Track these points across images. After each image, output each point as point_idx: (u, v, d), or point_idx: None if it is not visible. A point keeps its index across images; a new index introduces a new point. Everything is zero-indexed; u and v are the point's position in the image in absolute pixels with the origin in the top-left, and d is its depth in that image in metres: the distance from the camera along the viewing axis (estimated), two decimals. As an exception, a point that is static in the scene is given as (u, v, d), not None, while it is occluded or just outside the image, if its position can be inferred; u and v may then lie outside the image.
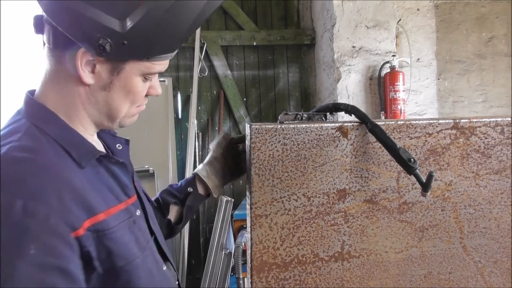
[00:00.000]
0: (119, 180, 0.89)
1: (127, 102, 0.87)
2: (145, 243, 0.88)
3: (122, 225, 0.82)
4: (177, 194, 1.19)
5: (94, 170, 0.84)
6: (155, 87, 0.91)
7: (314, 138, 1.00)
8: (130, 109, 0.89)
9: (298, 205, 1.01)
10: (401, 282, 1.08)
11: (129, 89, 0.85)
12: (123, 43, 0.77)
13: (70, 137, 0.83)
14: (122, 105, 0.86)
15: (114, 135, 1.01)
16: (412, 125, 1.04)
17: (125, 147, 1.00)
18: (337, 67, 2.83)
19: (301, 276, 1.03)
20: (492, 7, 3.21)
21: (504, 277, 1.12)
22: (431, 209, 1.07)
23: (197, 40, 3.08)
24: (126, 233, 0.83)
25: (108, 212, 0.80)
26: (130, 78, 0.84)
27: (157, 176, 2.80)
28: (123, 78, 0.83)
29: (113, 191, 0.86)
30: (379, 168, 1.04)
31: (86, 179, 0.80)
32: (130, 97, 0.86)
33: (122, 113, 0.88)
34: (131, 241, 0.83)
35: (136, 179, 1.04)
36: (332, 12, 2.84)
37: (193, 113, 3.04)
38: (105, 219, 0.79)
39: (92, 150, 0.84)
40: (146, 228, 0.93)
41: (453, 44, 3.19)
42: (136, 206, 0.93)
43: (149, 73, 0.85)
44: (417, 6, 3.10)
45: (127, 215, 0.86)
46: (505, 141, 1.09)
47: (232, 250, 2.46)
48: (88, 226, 0.75)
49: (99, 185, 0.83)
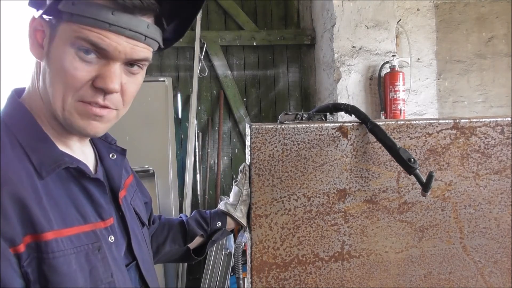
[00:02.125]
0: (93, 200, 0.77)
1: (59, 83, 0.71)
2: (105, 276, 0.74)
3: (74, 250, 0.70)
4: (205, 227, 1.13)
5: (62, 183, 0.73)
6: (103, 77, 0.71)
7: (314, 138, 1.00)
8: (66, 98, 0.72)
9: (298, 205, 1.01)
10: (401, 282, 1.08)
11: (59, 65, 0.70)
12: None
13: (35, 142, 0.73)
14: (54, 87, 0.72)
15: (110, 142, 0.91)
16: (412, 125, 1.04)
17: (120, 157, 0.90)
18: (337, 67, 2.83)
19: (301, 276, 1.03)
20: (492, 7, 3.21)
21: (504, 277, 1.12)
22: (431, 209, 1.07)
23: (197, 40, 3.08)
24: (77, 262, 0.70)
25: (60, 232, 0.69)
26: (60, 47, 0.70)
27: (157, 176, 2.80)
28: (55, 47, 0.71)
29: (80, 210, 0.74)
30: (379, 168, 1.04)
31: (45, 192, 0.70)
32: (61, 76, 0.70)
33: (58, 101, 0.72)
34: (79, 272, 0.70)
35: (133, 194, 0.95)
36: (332, 12, 2.84)
37: (193, 113, 3.04)
38: (52, 240, 0.67)
39: (57, 160, 0.72)
40: (117, 258, 0.79)
41: (453, 44, 3.19)
42: (110, 231, 0.80)
43: (78, 41, 0.69)
44: (417, 6, 3.10)
45: (90, 239, 0.74)
46: (505, 141, 1.09)
47: (232, 250, 2.47)
48: (28, 242, 0.65)
49: (63, 201, 0.72)
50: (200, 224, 1.13)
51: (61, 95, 0.72)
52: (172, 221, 1.17)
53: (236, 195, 1.08)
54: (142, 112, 2.89)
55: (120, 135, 0.96)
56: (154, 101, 2.95)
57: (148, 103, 2.93)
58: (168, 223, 1.17)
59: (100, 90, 0.72)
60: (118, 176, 0.87)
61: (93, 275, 0.72)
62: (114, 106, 0.76)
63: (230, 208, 1.10)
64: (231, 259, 2.51)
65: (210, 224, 1.13)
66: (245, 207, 1.07)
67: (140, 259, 0.87)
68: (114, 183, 0.86)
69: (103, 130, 0.77)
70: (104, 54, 0.71)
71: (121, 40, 0.71)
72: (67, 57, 0.70)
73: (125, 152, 0.91)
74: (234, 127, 3.29)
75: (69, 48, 0.70)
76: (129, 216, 0.88)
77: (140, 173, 2.67)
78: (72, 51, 0.70)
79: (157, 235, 1.15)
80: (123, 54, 0.72)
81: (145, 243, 0.94)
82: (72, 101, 0.72)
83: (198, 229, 1.13)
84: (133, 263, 0.86)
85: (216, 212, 1.15)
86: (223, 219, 1.13)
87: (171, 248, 1.14)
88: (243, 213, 1.08)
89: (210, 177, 3.22)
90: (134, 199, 0.96)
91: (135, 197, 0.97)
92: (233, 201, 1.09)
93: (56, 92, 0.72)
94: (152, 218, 1.14)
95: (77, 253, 0.71)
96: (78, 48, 0.70)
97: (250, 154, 0.99)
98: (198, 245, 1.16)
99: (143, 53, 0.74)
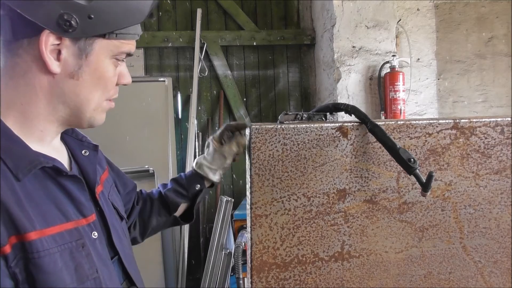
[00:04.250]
0: (73, 197, 0.78)
1: (98, 90, 0.79)
2: (90, 272, 0.75)
3: (58, 249, 0.71)
4: (184, 193, 1.16)
5: (40, 183, 0.74)
6: (124, 75, 0.84)
7: (314, 138, 1.00)
8: (100, 100, 0.81)
9: (298, 205, 1.01)
10: (401, 282, 1.08)
11: (100, 74, 0.78)
12: (89, 17, 0.71)
13: (7, 144, 0.72)
14: (92, 94, 0.79)
15: (81, 139, 0.92)
16: (412, 125, 1.04)
17: (92, 153, 0.91)
18: (337, 67, 2.83)
19: (301, 276, 1.03)
20: (492, 7, 3.21)
21: (504, 277, 1.12)
22: (431, 209, 1.07)
23: (197, 40, 3.08)
24: (62, 260, 0.71)
25: (43, 232, 0.70)
26: (100, 60, 0.77)
27: (157, 176, 2.79)
28: (93, 61, 0.76)
29: (61, 209, 0.75)
30: (379, 168, 1.04)
31: (24, 193, 0.70)
32: (102, 84, 0.79)
33: (92, 104, 0.79)
34: (65, 270, 0.71)
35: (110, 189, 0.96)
36: (332, 12, 2.84)
37: (193, 113, 3.04)
38: (36, 240, 0.68)
39: (33, 160, 0.73)
40: (101, 253, 0.81)
41: (453, 44, 3.19)
42: (93, 227, 0.81)
43: (118, 54, 0.79)
44: (417, 6, 3.10)
45: (73, 237, 0.75)
46: (505, 141, 1.09)
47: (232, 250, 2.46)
48: (14, 243, 0.66)
49: (42, 201, 0.73)
50: (179, 193, 1.16)
51: (98, 98, 0.80)
52: (153, 195, 1.20)
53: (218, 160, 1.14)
54: (142, 112, 2.89)
55: (120, 135, 0.99)
56: (154, 101, 2.95)
57: (148, 103, 2.93)
58: (149, 198, 1.20)
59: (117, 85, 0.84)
60: (93, 172, 0.88)
61: (79, 272, 0.73)
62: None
63: (209, 173, 1.16)
64: (231, 259, 2.51)
65: (189, 190, 1.16)
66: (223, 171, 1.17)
67: (122, 253, 0.89)
68: (90, 179, 0.87)
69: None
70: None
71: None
72: (108, 68, 0.79)
73: (97, 148, 0.93)
74: (234, 127, 3.29)
75: (109, 59, 0.79)
76: (108, 211, 0.90)
77: (140, 173, 2.67)
78: (111, 62, 0.79)
79: (142, 212, 1.18)
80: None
81: (125, 237, 0.95)
82: (102, 101, 0.82)
83: (179, 198, 1.16)
84: (115, 257, 0.88)
85: (192, 175, 1.18)
86: (201, 181, 1.17)
87: (158, 221, 1.18)
88: (220, 176, 1.17)
89: (210, 177, 3.21)
90: (111, 193, 0.97)
91: (112, 191, 0.98)
92: (212, 165, 1.15)
93: (94, 97, 0.79)
94: (135, 199, 1.16)
95: (61, 252, 0.72)
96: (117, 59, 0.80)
97: (250, 154, 0.99)
98: (185, 209, 1.20)
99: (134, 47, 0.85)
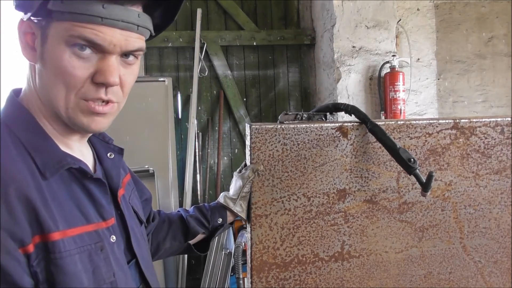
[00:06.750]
0: (95, 200, 0.78)
1: (59, 83, 0.71)
2: (107, 276, 0.75)
3: (78, 250, 0.71)
4: (206, 224, 1.13)
5: (64, 184, 0.74)
6: (102, 72, 0.71)
7: (314, 138, 1.00)
8: (68, 97, 0.72)
9: (298, 205, 1.01)
10: (401, 282, 1.08)
11: (56, 64, 0.70)
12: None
13: (38, 142, 0.73)
14: (56, 89, 0.72)
15: (108, 142, 0.91)
16: (412, 125, 1.04)
17: (118, 156, 0.90)
18: (337, 67, 2.83)
19: (301, 276, 1.03)
20: (492, 7, 3.21)
21: (504, 277, 1.12)
22: (431, 209, 1.07)
23: (197, 40, 3.08)
24: (81, 262, 0.71)
25: (65, 232, 0.70)
26: (54, 47, 0.70)
27: (157, 176, 2.79)
28: (50, 49, 0.70)
29: (83, 210, 0.75)
30: (379, 168, 1.04)
31: (49, 192, 0.70)
32: (61, 76, 0.70)
33: (61, 101, 0.72)
34: (83, 272, 0.71)
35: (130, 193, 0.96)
36: (332, 12, 2.84)
37: (193, 113, 3.04)
38: (59, 240, 0.68)
39: (60, 160, 0.73)
40: (118, 257, 0.80)
41: (453, 44, 3.19)
42: (112, 231, 0.81)
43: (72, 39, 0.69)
44: (417, 6, 3.10)
45: (93, 239, 0.74)
46: (505, 141, 1.09)
47: (232, 250, 2.47)
48: (37, 242, 0.66)
49: (66, 201, 0.73)
50: (201, 222, 1.13)
51: (63, 94, 0.72)
52: (172, 217, 1.17)
53: (237, 189, 1.08)
54: (142, 112, 2.88)
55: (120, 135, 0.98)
56: (154, 101, 2.94)
57: (148, 103, 2.93)
58: (168, 219, 1.17)
59: (101, 85, 0.72)
60: (116, 175, 0.87)
61: (96, 275, 0.73)
62: (116, 99, 0.76)
63: (230, 202, 1.10)
64: (231, 259, 2.51)
65: (211, 221, 1.13)
66: (245, 202, 1.07)
67: (140, 257, 0.88)
68: (113, 182, 0.86)
69: (106, 125, 0.78)
70: (99, 48, 0.71)
71: (115, 33, 0.70)
72: (63, 57, 0.69)
73: (122, 152, 0.92)
74: (234, 127, 3.29)
75: (64, 47, 0.69)
76: (128, 214, 0.89)
77: (140, 173, 2.67)
78: (68, 50, 0.69)
79: (157, 232, 1.15)
80: (118, 47, 0.72)
81: (144, 241, 0.94)
82: (76, 99, 0.72)
83: (200, 228, 1.13)
84: (133, 261, 0.86)
85: (215, 206, 1.15)
86: (223, 214, 1.14)
87: (172, 245, 1.15)
88: (243, 208, 1.08)
89: (210, 177, 3.22)
90: (131, 197, 0.96)
91: (132, 195, 0.97)
92: (233, 195, 1.10)
93: (58, 93, 0.72)
94: (152, 215, 1.14)
95: (80, 253, 0.71)
96: (73, 46, 0.69)
97: (250, 154, 0.99)
98: (199, 240, 1.17)
99: (137, 43, 0.75)
